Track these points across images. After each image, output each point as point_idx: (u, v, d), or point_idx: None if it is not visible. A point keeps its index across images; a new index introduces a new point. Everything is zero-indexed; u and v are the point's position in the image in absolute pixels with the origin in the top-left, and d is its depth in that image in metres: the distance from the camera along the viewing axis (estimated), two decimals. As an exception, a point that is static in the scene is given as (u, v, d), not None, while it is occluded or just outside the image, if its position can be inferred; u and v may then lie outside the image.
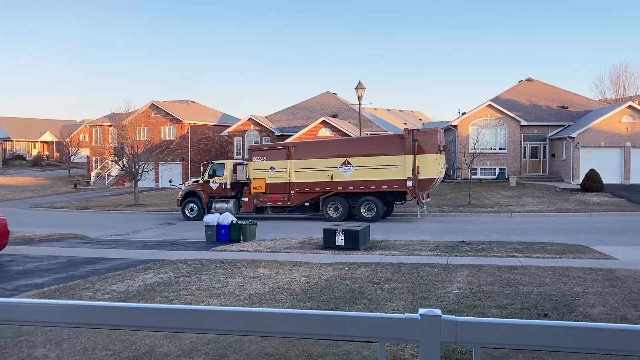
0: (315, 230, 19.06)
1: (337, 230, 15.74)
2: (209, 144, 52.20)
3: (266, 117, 49.31)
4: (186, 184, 28.65)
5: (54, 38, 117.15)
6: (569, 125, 41.50)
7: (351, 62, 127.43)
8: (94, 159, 55.09)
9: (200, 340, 6.83)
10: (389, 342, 1.57)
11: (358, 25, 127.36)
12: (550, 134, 42.16)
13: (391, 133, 36.19)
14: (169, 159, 48.69)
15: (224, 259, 14.00)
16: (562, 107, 44.78)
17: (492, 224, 22.44)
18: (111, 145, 52.55)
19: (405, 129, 25.57)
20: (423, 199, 24.34)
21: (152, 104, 50.99)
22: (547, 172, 42.63)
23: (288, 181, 24.98)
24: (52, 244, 18.64)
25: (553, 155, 42.23)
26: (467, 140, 39.87)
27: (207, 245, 17.63)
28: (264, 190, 25.36)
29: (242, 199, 26.10)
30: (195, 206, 26.73)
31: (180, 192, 27.59)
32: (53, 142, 78.59)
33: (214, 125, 52.76)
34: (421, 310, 1.54)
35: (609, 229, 20.12)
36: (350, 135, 39.27)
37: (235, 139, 47.85)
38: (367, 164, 23.94)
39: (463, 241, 16.60)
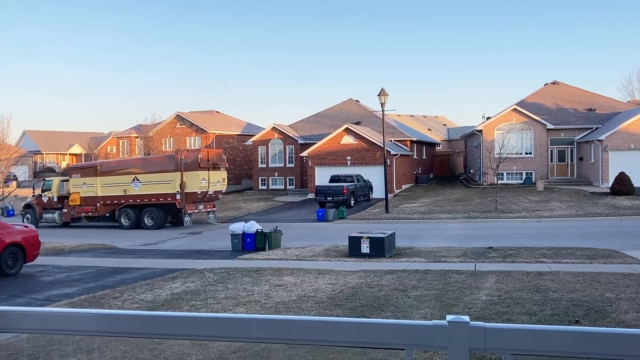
0: (340, 238, 19.04)
1: (362, 237, 15.69)
2: (234, 154, 52.59)
3: (289, 126, 49.51)
4: (29, 197, 32.78)
5: (80, 52, 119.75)
6: (596, 128, 40.75)
7: (374, 69, 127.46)
8: (121, 170, 55.84)
9: (227, 348, 6.86)
10: (416, 349, 1.55)
11: (380, 31, 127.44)
12: (578, 137, 41.47)
13: (165, 154, 40.55)
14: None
15: (250, 267, 14.06)
16: (590, 109, 44.03)
17: (519, 229, 22.11)
18: (138, 156, 53.31)
19: (176, 150, 30.75)
20: (197, 209, 28.24)
21: (178, 115, 51.67)
22: (575, 176, 41.91)
23: (96, 195, 29.38)
24: (81, 254, 18.95)
25: (581, 159, 41.51)
26: (493, 145, 39.45)
27: (233, 253, 17.73)
28: (78, 203, 29.81)
29: (63, 210, 30.48)
30: (30, 216, 30.93)
31: (23, 204, 32.08)
32: (81, 154, 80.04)
33: (238, 134, 53.17)
34: (449, 317, 1.52)
35: (641, 233, 19.64)
36: (373, 142, 39.28)
37: (259, 147, 48.15)
38: (150, 180, 28.14)
39: (490, 247, 16.39)
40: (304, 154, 42.35)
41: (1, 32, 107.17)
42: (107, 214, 29.55)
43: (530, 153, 42.14)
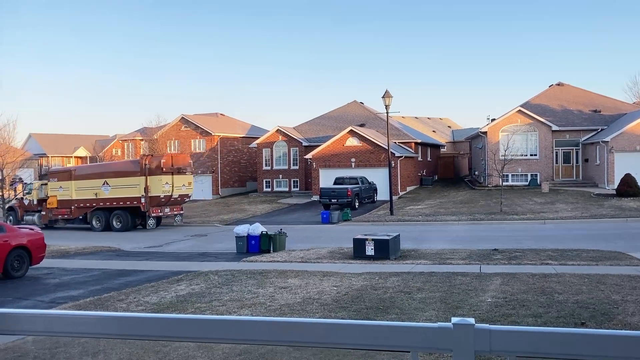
0: (344, 240, 19.03)
1: (366, 239, 15.69)
2: (238, 156, 52.63)
3: (294, 128, 49.51)
4: (13, 200, 34.15)
5: (82, 53, 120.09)
6: (602, 130, 40.62)
7: (378, 70, 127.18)
8: (126, 172, 55.92)
9: (232, 351, 6.86)
10: (421, 351, 1.55)
11: (384, 32, 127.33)
12: (583, 139, 41.33)
13: (131, 159, 41.51)
14: (199, 172, 49.23)
15: (255, 270, 14.07)
16: (595, 111, 43.89)
17: (524, 231, 22.05)
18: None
19: (141, 155, 31.42)
20: (162, 212, 29.13)
21: (182, 118, 51.74)
22: (581, 178, 41.76)
23: (70, 198, 30.42)
24: (87, 256, 19.02)
25: (586, 160, 41.36)
26: (498, 146, 39.33)
27: (238, 256, 17.75)
28: (55, 206, 30.83)
29: (42, 212, 31.56)
30: (12, 218, 32.23)
31: (6, 207, 33.45)
32: (87, 157, 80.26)
33: (243, 137, 53.19)
34: (454, 319, 1.52)
35: (647, 234, 19.55)
36: (378, 144, 39.28)
37: (263, 150, 48.18)
38: (118, 184, 29.09)
39: (495, 249, 16.35)
40: (309, 156, 42.37)
41: (5, 34, 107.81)
42: (81, 217, 30.53)
43: (535, 155, 42.02)
